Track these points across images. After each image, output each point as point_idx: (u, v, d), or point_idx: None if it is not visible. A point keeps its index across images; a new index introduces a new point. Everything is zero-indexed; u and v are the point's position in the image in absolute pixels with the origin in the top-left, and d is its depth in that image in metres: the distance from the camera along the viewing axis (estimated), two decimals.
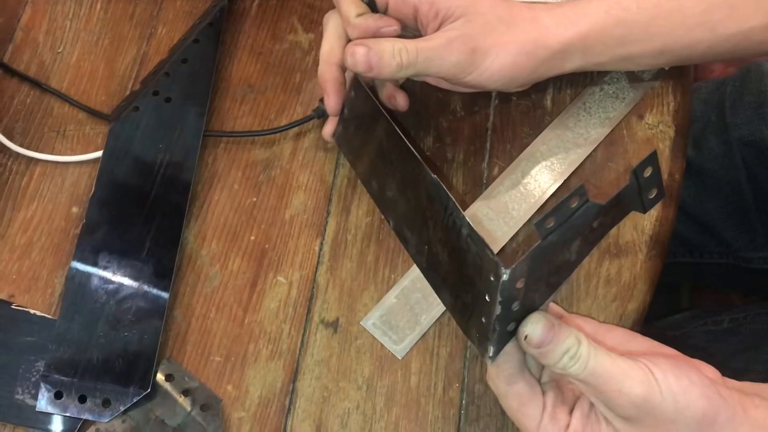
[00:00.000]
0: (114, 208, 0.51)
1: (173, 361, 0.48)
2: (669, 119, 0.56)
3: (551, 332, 0.38)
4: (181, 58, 0.57)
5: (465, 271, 0.40)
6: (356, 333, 0.49)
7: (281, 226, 0.52)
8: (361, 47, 0.46)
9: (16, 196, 0.53)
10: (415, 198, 0.45)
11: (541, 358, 0.39)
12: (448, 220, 0.41)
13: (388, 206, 0.49)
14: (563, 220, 0.36)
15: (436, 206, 0.42)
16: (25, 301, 0.49)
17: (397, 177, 0.47)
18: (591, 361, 0.37)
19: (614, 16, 0.49)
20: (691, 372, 0.37)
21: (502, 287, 0.36)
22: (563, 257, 0.39)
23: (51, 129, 0.55)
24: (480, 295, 0.39)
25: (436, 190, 0.42)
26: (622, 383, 0.37)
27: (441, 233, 0.42)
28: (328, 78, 0.50)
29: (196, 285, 0.50)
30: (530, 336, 0.38)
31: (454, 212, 0.41)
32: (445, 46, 0.47)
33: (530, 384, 0.40)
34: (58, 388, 0.46)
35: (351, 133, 0.51)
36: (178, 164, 0.53)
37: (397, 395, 0.47)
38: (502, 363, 0.40)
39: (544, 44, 0.48)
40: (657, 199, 0.39)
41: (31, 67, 0.57)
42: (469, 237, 0.40)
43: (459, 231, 0.40)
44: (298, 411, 0.47)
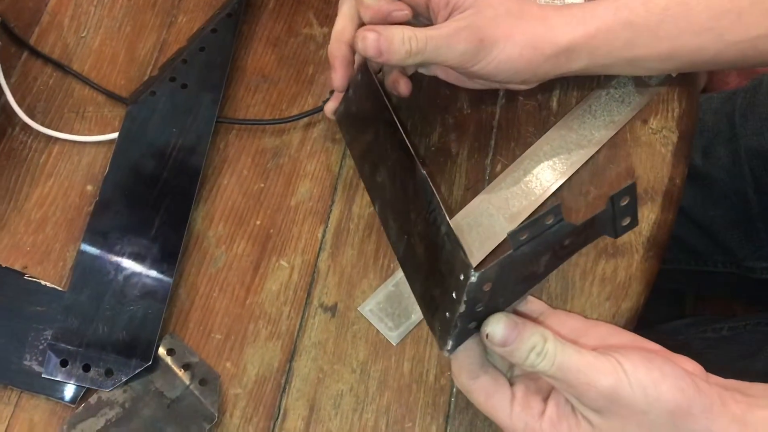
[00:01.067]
0: (126, 188, 0.53)
1: (175, 337, 0.49)
2: (673, 125, 0.57)
3: (514, 331, 0.39)
4: (199, 46, 0.58)
5: (437, 267, 0.42)
6: (353, 318, 0.50)
7: (286, 212, 0.54)
8: (371, 32, 0.47)
9: (34, 172, 0.55)
10: (402, 188, 0.46)
11: (508, 356, 0.40)
12: (430, 216, 0.43)
13: (376, 190, 0.50)
14: (536, 235, 0.37)
15: (421, 200, 0.44)
16: (37, 273, 0.51)
17: (389, 164, 0.48)
18: (558, 357, 0.38)
19: (622, 18, 0.50)
20: (665, 364, 0.38)
21: (468, 288, 0.38)
22: (532, 269, 0.40)
23: (71, 110, 0.57)
24: (447, 291, 0.40)
25: (423, 184, 0.44)
26: (590, 376, 0.37)
27: (421, 226, 0.44)
28: (337, 54, 0.51)
29: (201, 265, 0.52)
30: (491, 334, 0.39)
31: (436, 209, 0.42)
32: (453, 35, 0.47)
33: (494, 377, 0.41)
34: (64, 357, 0.48)
35: (352, 114, 0.52)
36: (190, 148, 0.55)
37: (390, 380, 0.49)
38: (463, 359, 0.41)
39: (551, 40, 0.49)
40: (630, 226, 0.41)
41: (55, 50, 0.60)
42: (446, 235, 0.41)
43: (438, 227, 0.42)
44: (293, 390, 0.48)
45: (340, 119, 0.54)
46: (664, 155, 0.56)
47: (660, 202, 0.54)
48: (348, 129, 0.54)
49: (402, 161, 0.46)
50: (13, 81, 0.58)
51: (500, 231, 0.53)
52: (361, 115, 0.52)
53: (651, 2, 0.50)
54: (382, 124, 0.48)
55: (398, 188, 0.47)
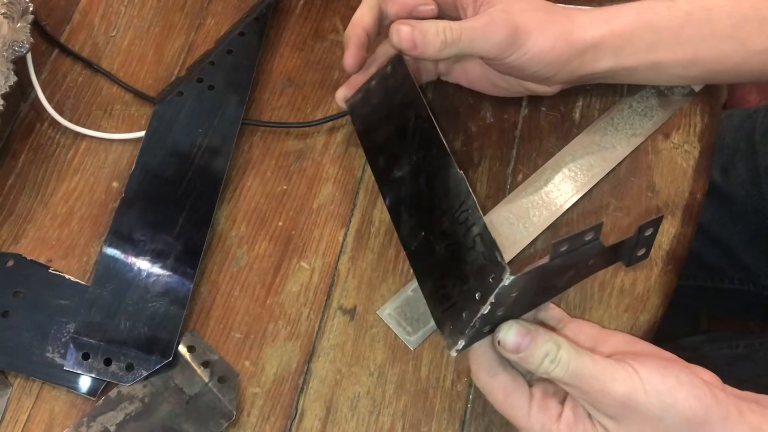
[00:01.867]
0: (151, 186, 0.54)
1: (196, 334, 0.50)
2: (695, 140, 0.57)
3: (526, 337, 0.39)
4: (227, 48, 0.59)
5: (460, 266, 0.42)
6: (372, 321, 0.51)
7: (308, 215, 0.54)
8: (405, 26, 0.47)
9: (61, 168, 0.56)
10: (428, 184, 0.46)
11: (521, 362, 0.40)
12: (460, 215, 0.43)
13: (390, 184, 0.49)
14: (574, 249, 0.38)
15: (451, 198, 0.44)
16: (61, 267, 0.52)
17: (413, 160, 0.48)
18: (572, 364, 0.38)
19: (645, 19, 0.50)
20: (681, 372, 0.38)
21: (499, 290, 0.38)
22: (554, 282, 0.41)
23: (99, 107, 0.58)
24: (469, 292, 0.40)
25: (458, 183, 0.44)
26: (605, 383, 0.37)
27: (447, 224, 0.44)
28: (352, 36, 0.52)
29: (223, 264, 0.52)
30: (503, 341, 0.40)
31: (470, 209, 0.42)
32: (489, 25, 0.48)
33: (513, 375, 0.41)
34: (86, 350, 0.48)
35: (371, 105, 0.52)
36: (215, 149, 0.55)
37: (407, 384, 0.49)
38: (481, 355, 0.41)
39: (579, 36, 0.50)
40: (642, 258, 0.42)
41: (85, 48, 0.61)
42: (479, 236, 0.41)
43: (469, 228, 0.42)
44: (311, 391, 0.49)
45: (353, 108, 0.54)
46: (685, 170, 0.56)
47: (680, 216, 0.54)
48: (363, 119, 0.53)
49: (433, 158, 0.46)
50: (43, 77, 0.59)
51: (520, 240, 0.53)
52: (384, 107, 0.51)
53: (674, 6, 0.51)
54: (414, 119, 0.48)
55: (422, 184, 0.47)
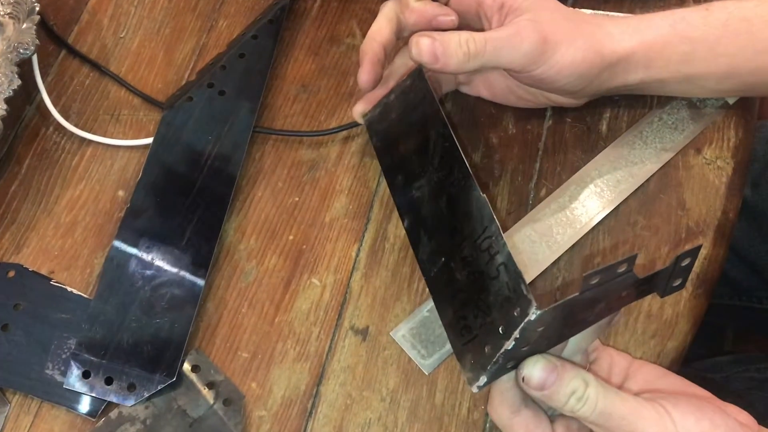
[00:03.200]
0: (159, 195, 0.52)
1: (201, 353, 0.48)
2: (728, 155, 0.54)
3: (552, 374, 0.37)
4: (239, 52, 0.57)
5: (482, 296, 0.40)
6: (385, 343, 0.48)
7: (320, 228, 0.52)
8: (425, 38, 0.45)
9: (66, 175, 0.54)
10: (449, 207, 0.44)
11: (546, 400, 0.38)
12: (483, 242, 0.40)
13: (409, 205, 0.47)
14: (606, 281, 0.35)
15: (473, 223, 0.41)
16: (63, 279, 0.50)
17: (434, 180, 0.45)
18: (600, 403, 0.36)
19: (680, 31, 0.48)
20: (715, 414, 0.35)
21: (525, 325, 0.36)
22: (584, 315, 0.38)
23: (106, 112, 0.56)
24: (492, 325, 0.38)
25: (480, 208, 0.41)
26: (635, 424, 0.36)
27: (468, 251, 0.41)
28: (368, 51, 0.49)
29: (231, 279, 0.50)
30: (528, 377, 0.38)
31: (494, 236, 0.40)
32: (516, 35, 0.45)
33: (535, 411, 0.40)
34: (87, 368, 0.46)
35: (390, 120, 0.50)
36: (225, 157, 0.53)
37: (420, 411, 0.46)
38: (504, 392, 0.39)
39: (609, 47, 0.47)
40: (678, 288, 0.40)
41: (93, 50, 0.59)
42: (503, 265, 0.39)
43: (492, 256, 0.39)
44: (320, 416, 0.46)
45: (371, 124, 0.51)
46: (717, 187, 0.53)
47: (711, 236, 0.52)
48: (381, 135, 0.51)
49: (454, 179, 0.44)
50: (49, 80, 0.57)
51: (542, 259, 0.50)
52: (403, 123, 0.49)
53: (711, 16, 0.48)
54: (435, 136, 0.46)
55: (442, 206, 0.44)
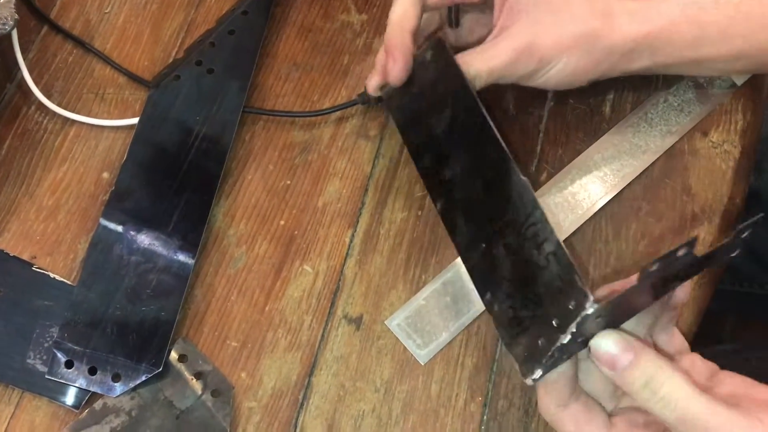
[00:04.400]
0: (145, 178, 0.50)
1: (188, 342, 0.46)
2: (735, 139, 0.53)
3: (627, 353, 0.34)
4: (229, 29, 0.55)
5: (531, 287, 0.38)
6: (379, 332, 0.47)
7: (313, 213, 0.50)
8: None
9: (48, 156, 0.52)
10: (486, 190, 0.41)
11: (620, 384, 0.35)
12: (528, 229, 0.38)
13: (440, 187, 0.44)
14: (664, 268, 0.33)
15: (515, 209, 0.39)
16: (46, 264, 0.48)
17: (467, 161, 0.43)
18: (682, 404, 0.33)
19: (690, 15, 0.46)
20: None
21: (581, 319, 0.34)
22: (640, 301, 0.36)
23: (90, 90, 0.54)
24: (546, 317, 0.36)
25: (522, 193, 0.39)
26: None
27: (512, 238, 0.39)
28: (397, 44, 0.46)
29: (220, 265, 0.49)
30: (595, 348, 0.35)
31: (540, 223, 0.38)
32: (513, 62, 0.46)
33: (586, 404, 0.37)
34: (70, 357, 0.45)
35: (412, 94, 0.47)
36: (214, 138, 0.51)
37: (416, 402, 0.45)
38: (552, 383, 0.37)
39: (611, 41, 0.46)
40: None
41: (76, 26, 0.56)
42: (552, 255, 0.37)
43: (539, 245, 0.37)
44: (311, 407, 0.45)
45: (390, 98, 0.48)
46: (724, 171, 0.51)
47: (717, 223, 0.50)
48: (403, 112, 0.48)
49: (488, 160, 0.41)
50: (30, 57, 0.55)
51: None
52: (426, 98, 0.46)
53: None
54: (463, 114, 0.44)
55: (479, 189, 0.42)
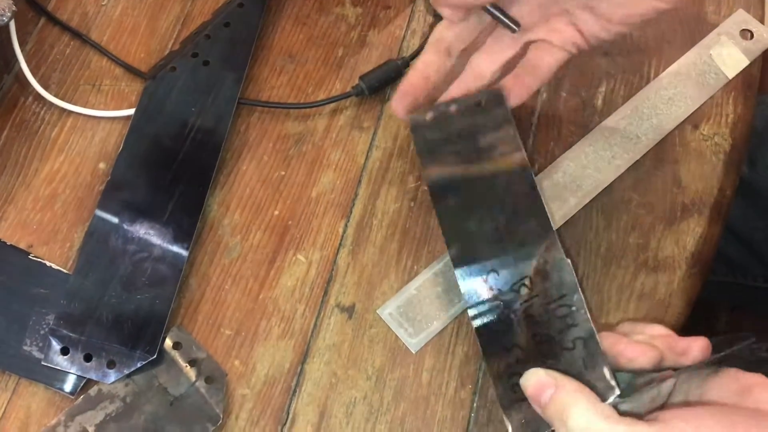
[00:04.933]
0: (140, 168, 0.50)
1: (183, 329, 0.47)
2: (726, 131, 0.53)
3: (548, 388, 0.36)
4: (224, 21, 0.55)
5: (549, 363, 0.38)
6: (371, 321, 0.47)
7: (307, 204, 0.51)
8: None
9: (45, 147, 0.52)
10: (516, 254, 0.41)
11: (548, 422, 0.36)
12: (559, 309, 0.38)
13: (459, 234, 0.43)
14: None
15: (549, 285, 0.39)
16: (42, 253, 0.49)
17: (501, 223, 0.42)
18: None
19: None
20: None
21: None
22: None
23: (87, 82, 0.54)
24: None
25: (561, 272, 0.39)
26: None
27: (538, 311, 0.39)
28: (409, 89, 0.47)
29: (214, 254, 0.49)
30: (523, 386, 0.37)
31: (575, 307, 0.38)
32: None
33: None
34: (66, 344, 0.45)
35: (448, 131, 0.46)
36: (209, 130, 0.52)
37: (407, 390, 0.46)
38: None
39: None
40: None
41: (74, 18, 0.57)
42: (581, 340, 0.37)
43: (568, 326, 0.38)
44: (304, 394, 0.45)
45: (418, 126, 0.46)
46: (714, 164, 0.52)
47: (707, 214, 0.50)
48: (431, 145, 0.46)
49: (530, 228, 0.41)
50: (28, 48, 0.55)
51: None
52: (465, 142, 0.45)
53: None
54: (510, 177, 0.43)
55: (510, 252, 0.41)
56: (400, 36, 0.56)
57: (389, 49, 0.55)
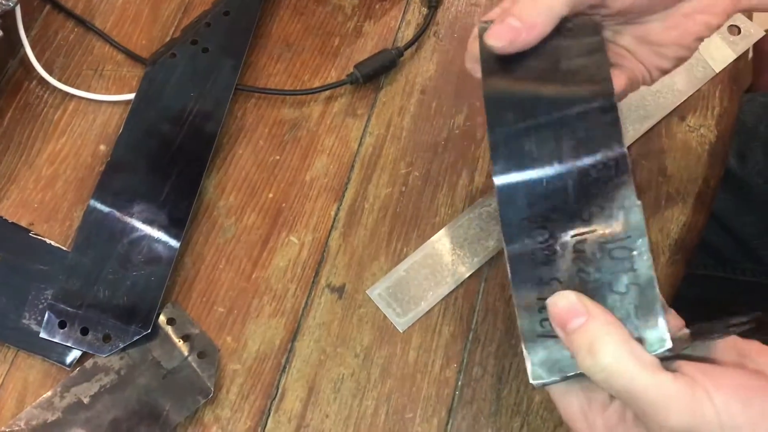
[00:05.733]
0: (139, 150, 0.52)
1: (177, 306, 0.48)
2: (712, 123, 0.54)
3: (579, 315, 0.33)
4: (224, 10, 0.57)
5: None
6: (361, 301, 0.49)
7: (300, 187, 0.52)
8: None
9: (47, 128, 0.54)
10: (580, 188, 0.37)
11: (569, 348, 0.34)
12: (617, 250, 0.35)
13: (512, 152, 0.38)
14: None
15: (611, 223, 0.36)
16: (43, 231, 0.50)
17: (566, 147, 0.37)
18: (625, 375, 0.32)
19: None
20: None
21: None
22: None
23: (89, 67, 0.56)
24: None
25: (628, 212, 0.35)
26: (665, 412, 0.31)
27: (590, 247, 0.36)
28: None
29: (209, 234, 0.51)
30: (551, 306, 0.34)
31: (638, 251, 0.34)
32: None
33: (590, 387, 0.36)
34: (63, 318, 0.47)
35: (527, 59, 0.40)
36: (207, 114, 0.53)
37: (393, 368, 0.47)
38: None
39: None
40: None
41: (78, 5, 0.58)
42: (636, 286, 0.34)
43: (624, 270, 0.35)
44: (293, 370, 0.47)
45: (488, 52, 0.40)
46: (699, 155, 0.53)
47: (692, 203, 0.52)
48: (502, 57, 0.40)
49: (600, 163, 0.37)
50: (33, 34, 0.57)
51: None
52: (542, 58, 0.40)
53: None
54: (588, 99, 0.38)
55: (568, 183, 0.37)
56: (395, 27, 0.57)
57: (384, 39, 0.57)
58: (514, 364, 0.47)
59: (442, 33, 0.57)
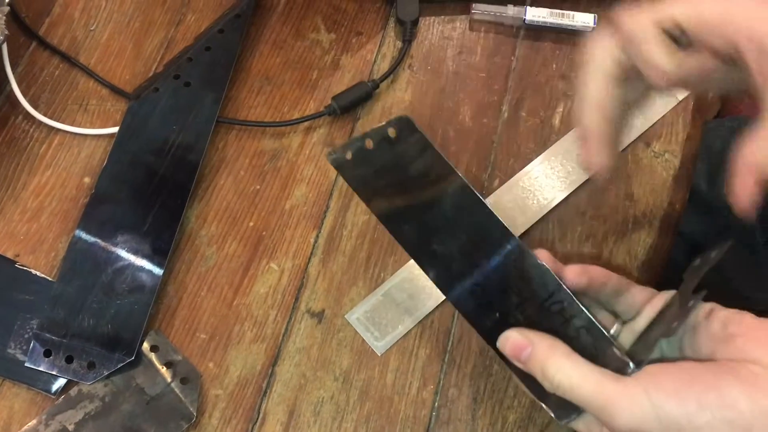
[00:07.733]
0: (123, 182, 0.53)
1: (160, 333, 0.49)
2: (676, 148, 0.56)
3: (525, 348, 0.38)
4: (205, 45, 0.59)
5: None
6: (340, 326, 0.50)
7: (280, 216, 0.54)
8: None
9: (33, 162, 0.55)
10: (495, 270, 0.42)
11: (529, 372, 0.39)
12: (552, 306, 0.41)
13: (431, 258, 0.43)
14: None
15: (534, 287, 0.41)
16: (28, 262, 0.51)
17: (463, 240, 0.43)
18: (576, 389, 0.36)
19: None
20: (708, 394, 0.33)
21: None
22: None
23: (74, 102, 0.58)
24: None
25: (542, 275, 0.41)
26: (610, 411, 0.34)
27: (533, 311, 0.41)
28: (594, 129, 0.40)
29: (191, 263, 0.52)
30: (501, 348, 0.39)
31: (566, 302, 0.40)
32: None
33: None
34: (48, 347, 0.48)
35: (373, 169, 0.44)
36: (188, 146, 0.55)
37: (372, 390, 0.48)
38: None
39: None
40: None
41: (63, 42, 0.60)
42: (584, 329, 0.40)
43: (567, 319, 0.40)
44: (274, 395, 0.48)
45: (342, 166, 0.44)
46: (665, 179, 0.55)
47: (657, 226, 0.53)
48: (364, 181, 0.44)
49: (495, 244, 0.42)
50: (19, 70, 0.58)
51: None
52: (394, 176, 0.44)
53: None
54: (449, 194, 0.43)
55: (483, 266, 0.42)
56: (371, 60, 0.59)
57: (360, 72, 0.59)
58: (489, 384, 0.48)
59: (416, 66, 0.59)
